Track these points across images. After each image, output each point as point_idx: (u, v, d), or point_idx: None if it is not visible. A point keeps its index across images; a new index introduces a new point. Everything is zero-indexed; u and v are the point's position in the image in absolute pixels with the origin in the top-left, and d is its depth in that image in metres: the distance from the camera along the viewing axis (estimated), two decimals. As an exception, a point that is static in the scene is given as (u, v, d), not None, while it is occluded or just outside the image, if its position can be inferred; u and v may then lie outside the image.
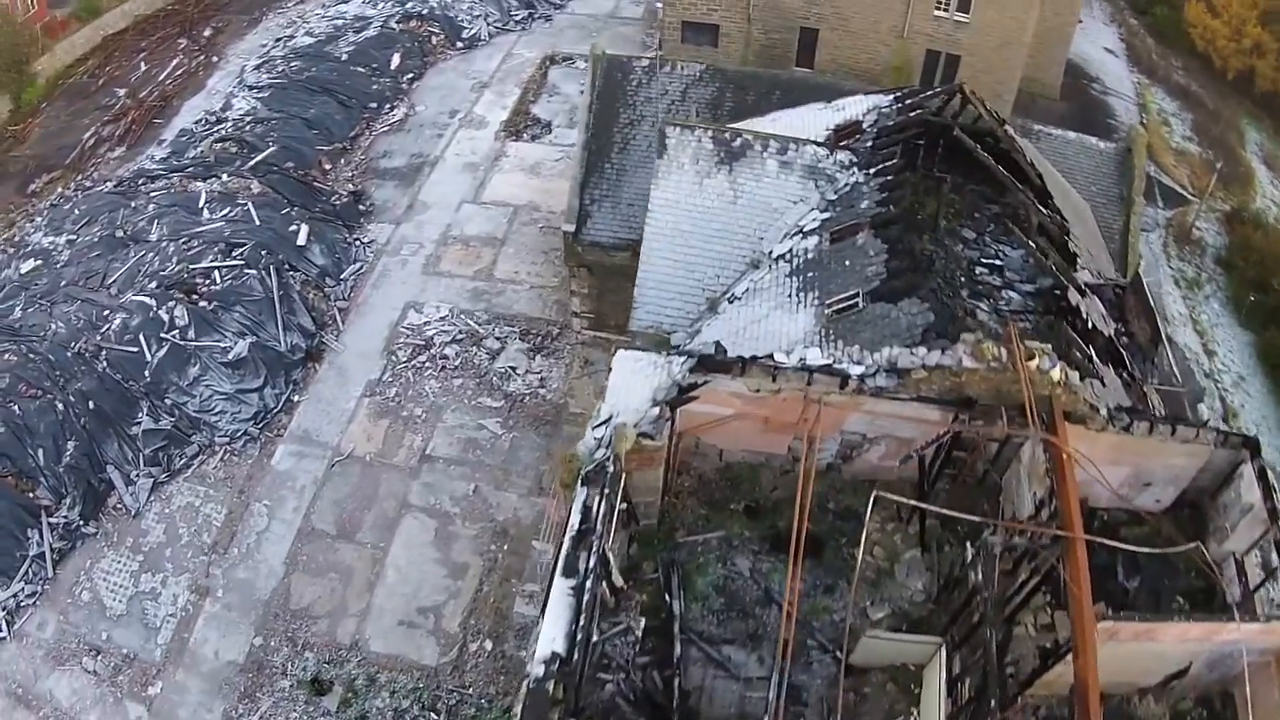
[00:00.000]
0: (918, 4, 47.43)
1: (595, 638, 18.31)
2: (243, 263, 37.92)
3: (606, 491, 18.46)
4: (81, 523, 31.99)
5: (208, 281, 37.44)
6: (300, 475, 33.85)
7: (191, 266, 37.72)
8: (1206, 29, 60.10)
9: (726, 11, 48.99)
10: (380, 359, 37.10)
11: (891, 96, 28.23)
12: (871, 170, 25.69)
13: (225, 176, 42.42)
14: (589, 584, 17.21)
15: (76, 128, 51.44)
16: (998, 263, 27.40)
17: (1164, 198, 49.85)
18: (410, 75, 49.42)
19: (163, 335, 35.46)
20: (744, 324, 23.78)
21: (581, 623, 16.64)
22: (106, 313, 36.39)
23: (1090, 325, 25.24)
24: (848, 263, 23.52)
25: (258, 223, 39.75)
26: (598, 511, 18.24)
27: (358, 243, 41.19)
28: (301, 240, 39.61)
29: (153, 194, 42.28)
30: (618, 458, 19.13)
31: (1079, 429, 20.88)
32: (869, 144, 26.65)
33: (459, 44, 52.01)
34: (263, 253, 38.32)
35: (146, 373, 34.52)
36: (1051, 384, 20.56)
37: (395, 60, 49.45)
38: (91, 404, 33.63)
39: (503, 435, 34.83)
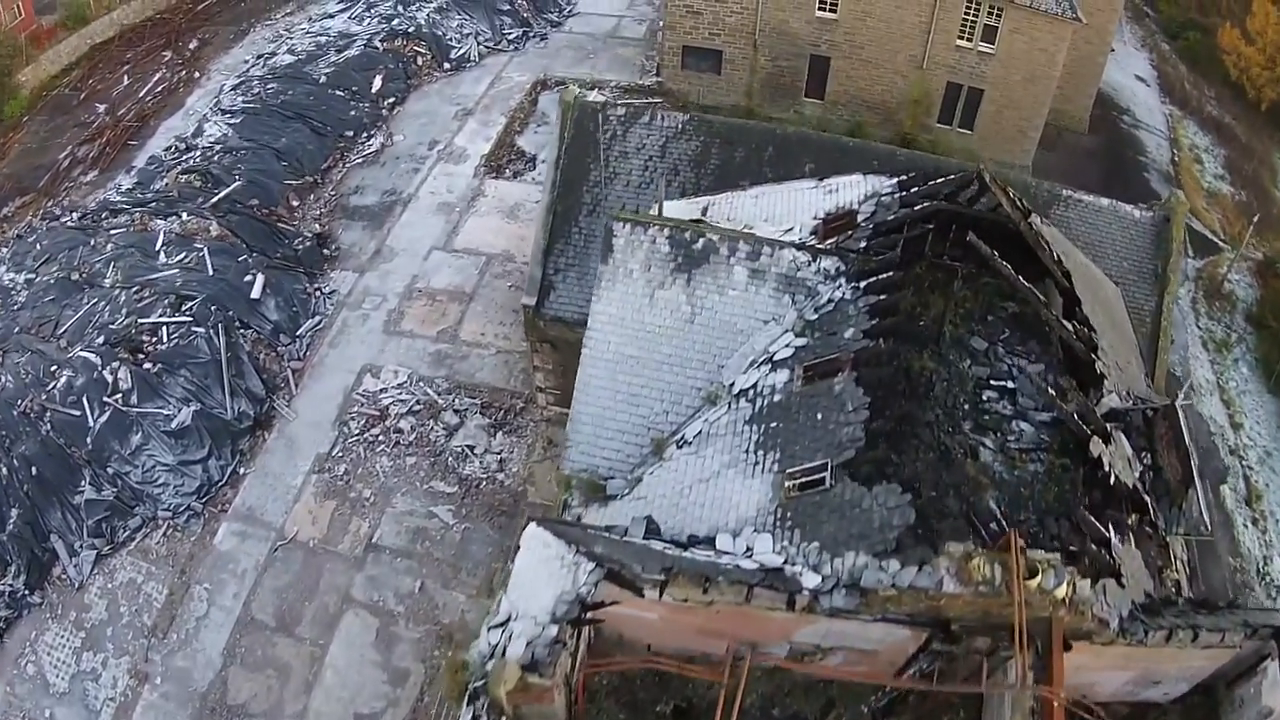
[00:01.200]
0: (939, 33, 41.29)
1: None
2: (191, 319, 33.19)
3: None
4: (27, 592, 28.86)
5: (154, 340, 32.82)
6: (242, 558, 29.56)
7: (140, 321, 33.20)
8: (1241, 56, 53.15)
9: (731, 37, 42.94)
10: (332, 430, 32.09)
11: (895, 181, 22.34)
12: (861, 284, 19.94)
13: (185, 216, 37.40)
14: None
15: (54, 147, 46.55)
16: (1009, 385, 21.73)
17: (1194, 246, 43.56)
18: (392, 100, 43.85)
19: (105, 399, 31.21)
20: (691, 481, 18.36)
21: None
22: (54, 368, 32.24)
23: (1113, 480, 19.57)
24: (819, 416, 17.92)
25: (211, 272, 34.77)
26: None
27: (318, 293, 36.04)
28: (256, 293, 34.52)
29: (113, 232, 37.46)
30: (495, 703, 14.04)
31: (1083, 643, 15.58)
32: (862, 243, 20.89)
33: (446, 65, 46.22)
34: (213, 308, 33.49)
35: (89, 439, 30.49)
36: (1054, 603, 15.02)
37: (377, 83, 43.83)
38: (35, 469, 30.22)
39: (454, 526, 29.79)
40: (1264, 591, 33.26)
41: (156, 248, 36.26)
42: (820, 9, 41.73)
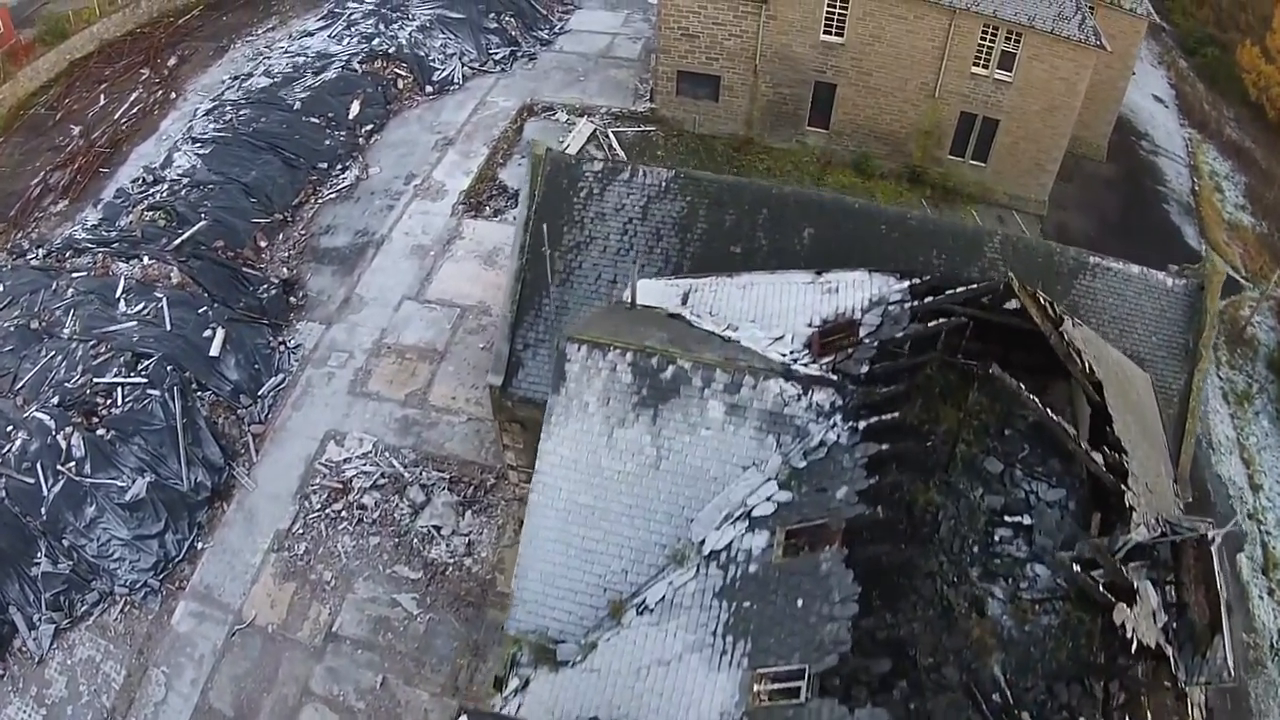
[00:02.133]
0: (953, 60, 37.12)
1: None
2: (146, 380, 29.85)
3: None
4: (-13, 663, 26.06)
5: (108, 402, 29.58)
6: (200, 641, 26.62)
7: (96, 380, 29.95)
8: (1260, 75, 48.77)
9: (729, 62, 38.74)
10: (292, 504, 28.73)
11: (905, 285, 18.40)
12: (860, 425, 16.18)
13: (147, 260, 33.83)
14: None
15: (26, 173, 42.94)
16: (1026, 520, 18.12)
17: (1215, 285, 39.49)
18: (370, 127, 39.88)
19: (59, 467, 28.13)
20: (650, 661, 14.99)
21: None
22: (10, 429, 29.27)
23: (1136, 645, 15.94)
24: (800, 602, 14.35)
25: (169, 327, 31.32)
26: None
27: (282, 347, 32.51)
28: (215, 350, 31.04)
29: (75, 275, 34.04)
30: None
31: None
32: (864, 366, 17.07)
33: (429, 88, 42.09)
34: (169, 369, 30.10)
35: (43, 509, 27.61)
36: None
37: (354, 108, 39.88)
38: (-9, 538, 27.33)
39: (418, 616, 26.46)
40: (1276, 669, 29.70)
41: (117, 295, 32.89)
42: (826, 33, 37.56)
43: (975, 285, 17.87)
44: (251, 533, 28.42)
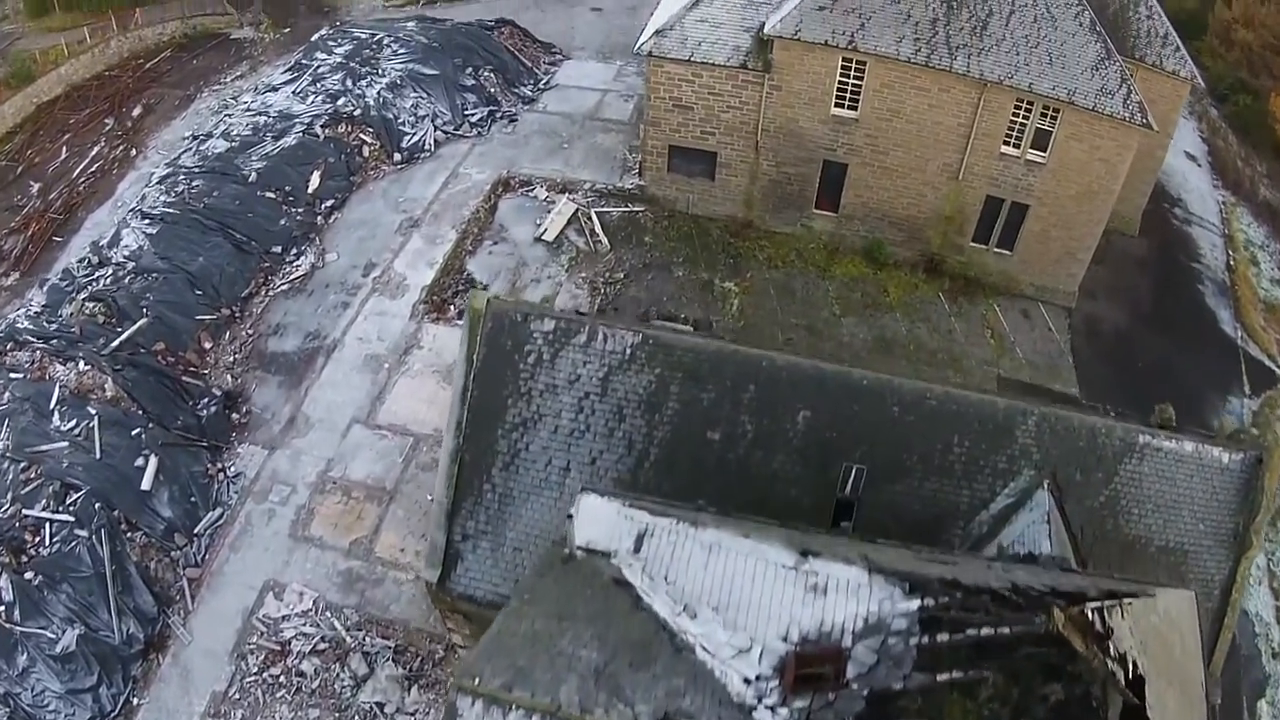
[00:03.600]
0: (980, 138, 32.59)
1: None
2: (74, 519, 26.74)
3: None
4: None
5: (37, 539, 26.65)
6: None
7: (25, 513, 26.98)
8: (1292, 126, 43.76)
9: (728, 137, 34.30)
10: (229, 664, 25.42)
11: (914, 607, 14.34)
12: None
13: (83, 364, 30.56)
14: None
15: (-18, 233, 40.23)
16: None
17: (1250, 378, 35.46)
18: (330, 203, 35.82)
19: None
20: None
21: None
22: None
23: None
24: None
25: (99, 455, 27.97)
26: None
27: (221, 475, 29.09)
28: (147, 484, 27.72)
29: (13, 375, 30.82)
30: None
31: None
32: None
33: (397, 156, 37.89)
34: (97, 506, 26.87)
35: None
36: None
37: (314, 180, 35.90)
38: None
39: (356, 812, 23.44)
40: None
41: (51, 405, 29.62)
42: (838, 106, 33.03)
43: (1006, 619, 13.97)
44: (188, 692, 25.10)
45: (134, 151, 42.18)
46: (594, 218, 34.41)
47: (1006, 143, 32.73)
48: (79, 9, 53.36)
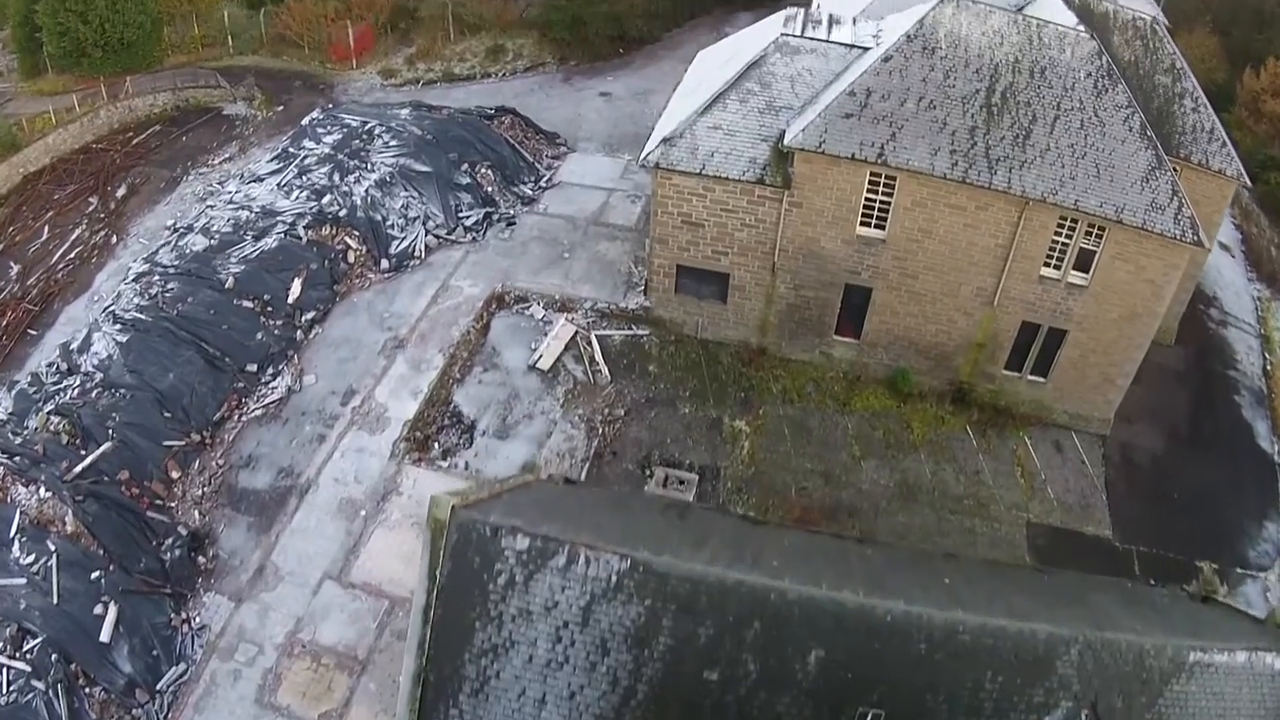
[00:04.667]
0: (1019, 260, 29.88)
1: None
2: (30, 669, 24.56)
3: None
4: None
5: None
6: None
7: None
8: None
9: (742, 258, 31.58)
10: None
11: None
12: None
13: (44, 491, 28.36)
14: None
15: (-45, 322, 38.43)
16: None
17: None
18: (310, 315, 33.28)
19: None
20: None
21: None
22: None
23: None
24: None
25: (56, 599, 25.70)
26: None
27: (185, 626, 26.68)
28: (105, 635, 25.38)
29: None
30: None
31: None
32: None
33: (384, 263, 35.27)
34: (53, 656, 24.74)
35: None
36: None
37: (295, 288, 33.47)
38: None
39: None
40: None
41: (11, 534, 27.44)
42: (863, 225, 30.32)
43: None
44: None
45: (115, 239, 40.17)
46: (594, 343, 31.89)
47: (1047, 264, 29.94)
48: (72, 71, 52.18)
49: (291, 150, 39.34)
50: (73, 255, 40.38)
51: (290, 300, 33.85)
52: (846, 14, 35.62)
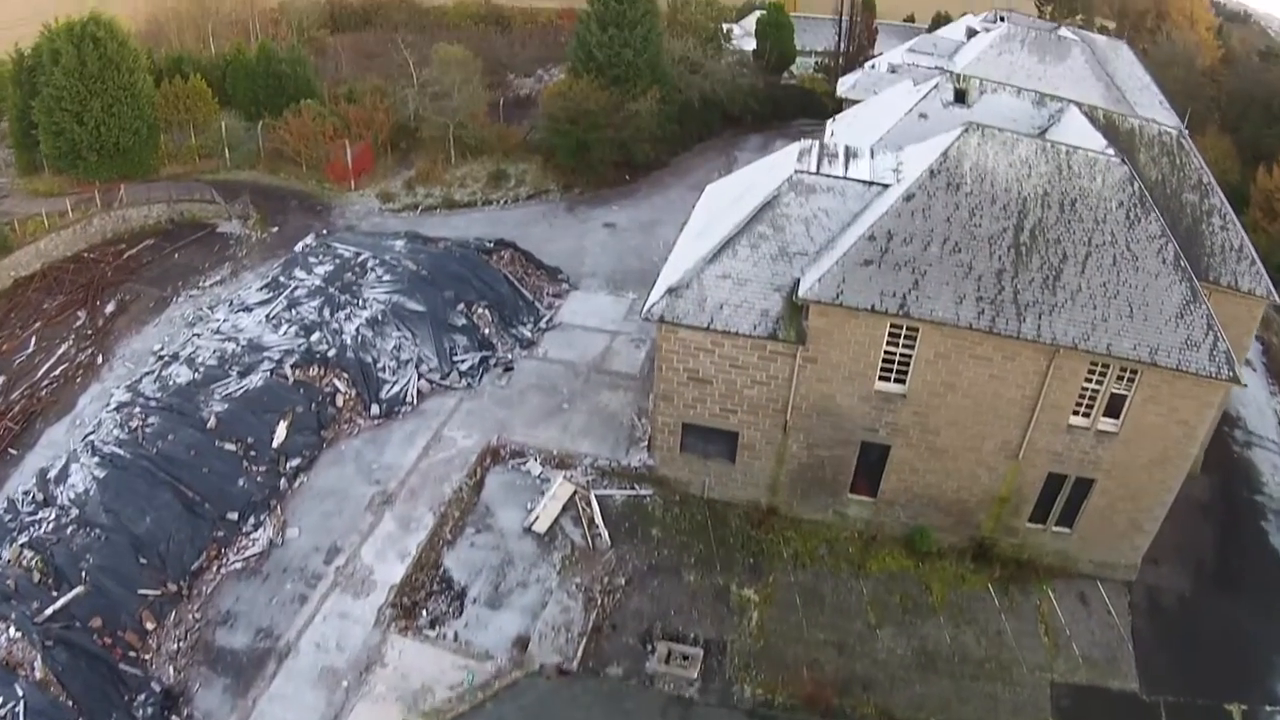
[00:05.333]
0: (1046, 410, 28.80)
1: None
2: None
3: None
4: None
5: None
6: None
7: None
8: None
9: (751, 415, 30.44)
10: None
11: None
12: None
13: (13, 630, 26.47)
14: None
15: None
16: None
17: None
18: (296, 462, 31.89)
19: None
20: None
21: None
22: None
23: None
24: None
25: None
26: None
27: (153, 813, 25.03)
28: None
29: None
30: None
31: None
32: None
33: (374, 408, 33.97)
34: None
35: None
36: None
37: (280, 432, 32.12)
38: None
39: None
40: None
41: None
42: (882, 380, 29.29)
43: None
44: None
45: (100, 359, 39.02)
46: (594, 503, 30.47)
47: (1075, 412, 28.86)
48: (67, 173, 51.79)
49: (282, 279, 38.45)
50: (58, 372, 39.29)
51: (275, 445, 32.45)
52: (863, 143, 34.93)
